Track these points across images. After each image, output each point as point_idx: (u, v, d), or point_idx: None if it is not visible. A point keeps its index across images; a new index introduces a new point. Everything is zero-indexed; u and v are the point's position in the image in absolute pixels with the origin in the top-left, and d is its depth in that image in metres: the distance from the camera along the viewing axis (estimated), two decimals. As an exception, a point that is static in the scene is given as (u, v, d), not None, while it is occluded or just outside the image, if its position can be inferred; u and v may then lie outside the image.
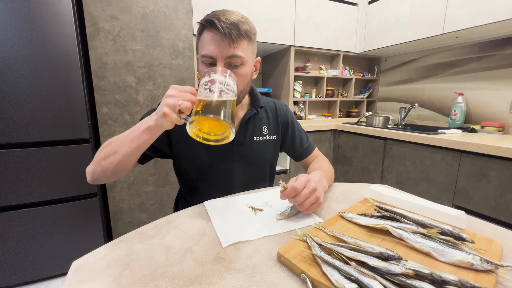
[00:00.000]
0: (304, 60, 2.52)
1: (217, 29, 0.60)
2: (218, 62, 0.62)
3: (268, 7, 1.96)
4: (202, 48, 0.64)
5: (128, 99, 1.46)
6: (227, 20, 0.60)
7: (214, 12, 0.64)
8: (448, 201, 1.48)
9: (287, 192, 0.54)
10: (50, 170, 1.26)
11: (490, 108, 1.79)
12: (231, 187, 0.77)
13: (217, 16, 0.61)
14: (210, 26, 0.61)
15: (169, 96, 0.50)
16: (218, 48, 0.61)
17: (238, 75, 0.64)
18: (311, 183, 0.56)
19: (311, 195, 0.55)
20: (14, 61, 1.13)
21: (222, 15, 0.61)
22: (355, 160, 2.12)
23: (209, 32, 0.61)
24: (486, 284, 0.34)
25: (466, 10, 1.57)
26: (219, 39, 0.60)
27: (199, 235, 0.49)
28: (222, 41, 0.60)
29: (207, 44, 0.62)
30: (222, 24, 0.59)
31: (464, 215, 0.50)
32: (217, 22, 0.59)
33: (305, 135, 0.91)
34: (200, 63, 0.66)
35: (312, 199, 0.55)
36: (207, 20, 0.61)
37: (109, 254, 0.44)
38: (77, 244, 1.38)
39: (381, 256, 0.37)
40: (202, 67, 0.65)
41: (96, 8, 1.32)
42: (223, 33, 0.60)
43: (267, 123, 0.82)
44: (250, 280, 0.37)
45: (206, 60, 0.63)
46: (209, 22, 0.61)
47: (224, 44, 0.61)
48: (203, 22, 0.62)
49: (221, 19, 0.60)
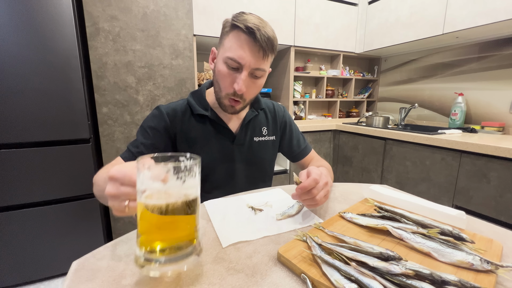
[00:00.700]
0: (304, 60, 2.52)
1: (255, 40, 0.60)
2: (244, 70, 0.62)
3: (268, 7, 1.96)
4: (230, 49, 0.62)
5: (128, 99, 1.46)
6: (265, 34, 0.60)
7: (246, 17, 0.62)
8: (448, 201, 1.48)
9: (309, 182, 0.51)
10: (50, 170, 1.26)
11: (490, 108, 1.79)
12: (231, 187, 0.77)
13: (256, 25, 0.60)
14: (250, 35, 0.60)
15: (111, 197, 0.37)
16: (250, 58, 0.61)
17: (256, 85, 0.67)
18: (323, 177, 0.55)
19: (325, 187, 0.55)
20: (14, 61, 1.13)
21: (260, 25, 0.60)
22: (355, 160, 2.12)
23: (245, 37, 0.60)
24: (486, 284, 0.34)
25: (466, 10, 1.57)
26: (255, 50, 0.61)
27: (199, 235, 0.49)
28: (258, 53, 0.61)
29: (240, 49, 0.61)
30: (262, 36, 0.60)
31: (464, 215, 0.50)
32: (258, 32, 0.59)
33: (302, 136, 0.92)
34: (221, 62, 0.64)
35: (325, 192, 0.55)
36: (247, 27, 0.59)
37: (109, 254, 0.44)
38: (77, 244, 1.38)
39: (381, 256, 0.37)
40: (222, 67, 0.64)
41: (96, 8, 1.32)
42: (261, 46, 0.60)
43: (266, 124, 0.84)
44: (250, 280, 0.37)
45: (232, 63, 0.62)
46: (249, 30, 0.59)
47: (257, 56, 0.62)
48: (242, 27, 0.60)
49: (260, 30, 0.60)
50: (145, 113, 1.51)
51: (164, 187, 0.33)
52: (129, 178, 0.36)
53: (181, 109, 0.74)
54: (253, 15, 0.63)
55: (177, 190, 0.34)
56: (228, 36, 0.63)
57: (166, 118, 0.71)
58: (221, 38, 0.66)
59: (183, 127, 0.73)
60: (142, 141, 0.70)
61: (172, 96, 1.57)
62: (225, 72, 0.64)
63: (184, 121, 0.73)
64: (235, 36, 0.62)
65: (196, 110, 0.73)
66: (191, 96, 0.77)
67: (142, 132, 0.72)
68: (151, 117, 0.73)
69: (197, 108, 0.74)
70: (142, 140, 0.70)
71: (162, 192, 0.33)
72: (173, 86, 1.57)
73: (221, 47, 0.65)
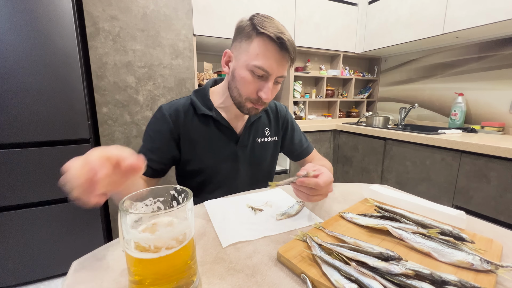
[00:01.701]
0: (304, 60, 2.52)
1: (286, 51, 0.60)
2: (270, 79, 0.62)
3: (268, 7, 1.96)
4: (258, 58, 0.60)
5: (128, 99, 1.46)
6: (293, 43, 0.61)
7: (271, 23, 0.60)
8: (448, 201, 1.48)
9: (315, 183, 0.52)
10: (51, 170, 1.26)
11: (490, 108, 1.79)
12: (234, 188, 0.77)
13: (285, 35, 0.59)
14: (280, 46, 0.59)
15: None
16: (279, 68, 0.62)
17: (276, 89, 0.67)
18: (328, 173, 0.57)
19: (330, 185, 0.56)
20: (14, 61, 1.13)
21: (286, 33, 0.60)
22: (355, 160, 2.12)
23: (275, 48, 0.59)
24: (486, 284, 0.34)
25: (466, 10, 1.57)
26: (284, 60, 0.61)
27: (199, 235, 0.49)
28: (286, 63, 0.62)
29: (270, 59, 0.60)
30: (291, 47, 0.60)
31: (464, 215, 0.50)
32: (288, 43, 0.59)
33: (303, 136, 0.92)
34: (244, 69, 0.62)
35: (329, 189, 0.57)
36: (278, 37, 0.58)
37: (109, 254, 0.44)
38: (77, 244, 1.38)
39: (381, 256, 0.37)
40: (246, 74, 0.62)
41: (96, 8, 1.32)
42: (290, 56, 0.61)
43: (268, 125, 0.84)
44: (250, 280, 0.37)
45: (259, 71, 0.61)
46: (280, 40, 0.58)
47: (285, 66, 0.62)
48: (273, 36, 0.58)
49: (289, 40, 0.60)
50: (145, 113, 1.51)
51: (153, 236, 0.31)
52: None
53: (184, 109, 0.73)
54: (274, 20, 0.62)
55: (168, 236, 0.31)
56: (252, 42, 0.61)
57: (169, 120, 0.70)
58: (240, 42, 0.63)
59: (186, 128, 0.72)
60: (149, 147, 0.69)
61: (172, 96, 1.57)
62: (250, 79, 0.62)
63: (187, 122, 0.72)
64: (263, 44, 0.60)
65: (199, 110, 0.72)
66: (195, 95, 0.75)
67: (147, 138, 0.71)
68: (154, 120, 0.72)
69: (201, 108, 0.72)
70: (148, 146, 0.70)
71: (152, 240, 0.31)
72: (173, 86, 1.57)
73: (243, 52, 0.62)
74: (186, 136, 0.72)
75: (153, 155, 0.68)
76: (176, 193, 0.37)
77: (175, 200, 0.37)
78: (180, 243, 0.32)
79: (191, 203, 0.33)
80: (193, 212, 0.34)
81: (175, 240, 0.32)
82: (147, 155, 0.67)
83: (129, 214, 0.30)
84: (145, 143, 0.71)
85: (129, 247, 0.31)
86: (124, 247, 0.31)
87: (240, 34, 0.64)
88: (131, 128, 1.49)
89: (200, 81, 1.90)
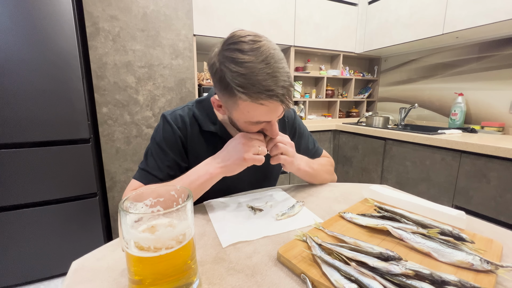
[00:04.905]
0: (304, 60, 2.52)
1: (283, 104, 0.51)
2: (272, 123, 0.58)
3: (268, 8, 1.96)
4: (251, 116, 0.53)
5: (128, 99, 1.46)
6: (289, 90, 0.51)
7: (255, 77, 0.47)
8: (448, 201, 1.48)
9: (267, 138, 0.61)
10: (50, 170, 1.26)
11: (490, 108, 1.79)
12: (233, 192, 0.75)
13: (276, 91, 0.48)
14: (277, 99, 0.49)
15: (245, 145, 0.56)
16: (277, 113, 0.55)
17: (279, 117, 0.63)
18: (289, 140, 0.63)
19: (288, 145, 0.62)
20: (14, 61, 1.13)
21: (280, 87, 0.49)
22: (355, 160, 2.12)
23: (271, 103, 0.50)
24: (486, 284, 0.34)
25: (466, 11, 1.57)
26: (279, 107, 0.53)
27: (199, 235, 0.49)
28: (281, 107, 0.53)
29: (263, 114, 0.53)
30: (285, 95, 0.50)
31: (464, 215, 0.50)
32: (284, 99, 0.50)
33: (311, 140, 0.88)
34: (242, 122, 0.57)
35: (286, 148, 0.61)
36: (267, 95, 0.48)
37: (109, 254, 0.44)
38: (77, 244, 1.38)
39: (381, 256, 0.37)
40: (245, 126, 0.58)
41: (96, 8, 1.32)
42: (289, 105, 0.53)
43: None
44: (250, 280, 0.37)
45: (258, 124, 0.56)
46: (270, 98, 0.49)
47: (281, 109, 0.54)
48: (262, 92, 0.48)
49: (285, 94, 0.50)
50: (145, 113, 1.51)
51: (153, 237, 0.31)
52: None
53: (190, 121, 0.69)
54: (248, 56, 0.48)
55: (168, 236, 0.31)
56: (237, 100, 0.51)
57: (176, 129, 0.67)
58: (224, 95, 0.53)
59: (192, 141, 0.69)
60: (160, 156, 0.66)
61: (172, 96, 1.57)
62: (251, 127, 0.58)
63: (193, 136, 0.68)
64: (251, 103, 0.50)
65: (204, 127, 0.68)
66: (197, 108, 0.70)
67: (160, 151, 0.66)
68: (163, 132, 0.67)
69: (204, 125, 0.68)
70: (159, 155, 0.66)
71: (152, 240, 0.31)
72: (173, 86, 1.57)
73: (233, 109, 0.54)
74: (192, 149, 0.69)
75: (170, 170, 0.66)
76: (176, 193, 0.37)
77: (174, 201, 0.37)
78: (180, 243, 0.32)
79: (191, 203, 0.33)
80: (193, 212, 0.34)
81: (175, 240, 0.32)
82: (160, 166, 0.65)
83: (129, 214, 0.30)
84: (160, 157, 0.66)
85: (129, 247, 0.31)
86: (124, 247, 0.31)
87: (218, 84, 0.53)
88: (131, 128, 1.49)
89: (200, 81, 1.90)
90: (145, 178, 0.64)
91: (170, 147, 0.66)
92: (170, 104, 1.57)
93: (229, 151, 0.58)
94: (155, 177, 0.64)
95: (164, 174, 0.65)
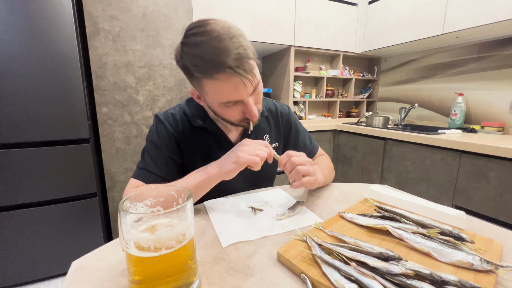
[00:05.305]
0: (304, 60, 2.52)
1: (238, 74, 0.51)
2: (246, 102, 0.57)
3: (268, 8, 1.96)
4: (219, 96, 0.55)
5: (128, 99, 1.46)
6: (243, 60, 0.51)
7: (207, 50, 0.50)
8: (448, 201, 1.48)
9: (282, 157, 0.59)
10: (50, 170, 1.26)
11: (490, 108, 1.79)
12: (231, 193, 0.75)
13: (228, 62, 0.49)
14: (230, 71, 0.50)
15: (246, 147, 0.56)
16: (245, 89, 0.55)
17: (259, 95, 0.62)
18: (309, 159, 0.59)
19: (307, 164, 0.58)
20: (14, 61, 1.13)
21: (232, 57, 0.50)
22: (355, 160, 2.12)
23: (226, 78, 0.51)
24: (486, 284, 0.34)
25: (466, 10, 1.57)
26: (244, 82, 0.53)
27: (199, 235, 0.49)
28: (248, 81, 0.54)
29: (229, 91, 0.54)
30: (243, 67, 0.51)
31: (464, 215, 0.50)
32: (238, 69, 0.50)
33: (308, 136, 0.89)
34: (217, 106, 0.58)
35: (307, 168, 0.57)
36: (223, 71, 0.50)
37: (109, 254, 0.44)
38: (77, 244, 1.38)
39: (381, 256, 0.37)
40: (221, 109, 0.59)
41: (96, 8, 1.32)
42: (246, 76, 0.52)
43: (268, 132, 0.80)
44: (250, 280, 0.37)
45: (230, 104, 0.57)
46: (222, 69, 0.50)
47: (249, 85, 0.55)
48: (213, 74, 0.51)
49: (238, 64, 0.50)
50: (145, 113, 1.51)
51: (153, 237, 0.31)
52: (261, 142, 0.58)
53: (181, 119, 0.71)
54: (204, 37, 0.50)
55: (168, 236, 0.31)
56: (202, 85, 0.55)
57: (169, 127, 0.69)
58: (192, 82, 0.58)
59: (184, 138, 0.70)
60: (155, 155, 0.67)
61: (172, 96, 1.57)
62: (228, 111, 0.59)
63: (185, 133, 0.70)
64: (212, 83, 0.53)
65: (194, 123, 0.70)
66: (187, 105, 0.72)
67: (152, 148, 0.68)
68: (156, 131, 0.69)
69: (195, 120, 0.70)
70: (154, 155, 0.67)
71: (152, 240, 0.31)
72: (173, 86, 1.57)
73: (204, 94, 0.58)
74: (185, 146, 0.70)
75: (167, 167, 0.66)
76: (176, 193, 0.37)
77: (174, 201, 0.37)
78: (180, 243, 0.32)
79: (191, 203, 0.33)
80: (193, 212, 0.34)
81: (175, 240, 0.32)
82: (156, 163, 0.66)
83: (129, 214, 0.31)
84: (150, 152, 0.68)
85: (129, 247, 0.31)
86: (124, 247, 0.31)
87: (185, 73, 0.58)
88: (131, 128, 1.49)
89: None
90: (144, 176, 0.66)
91: (164, 145, 0.68)
92: (170, 104, 1.57)
93: (228, 153, 0.59)
94: (153, 174, 0.66)
95: (161, 170, 0.66)
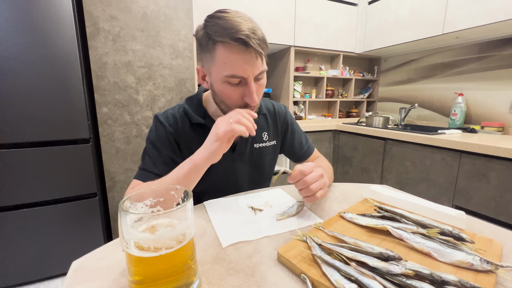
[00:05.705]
0: (304, 60, 2.52)
1: (250, 48, 0.54)
2: (249, 82, 0.58)
3: (268, 8, 1.96)
4: (226, 67, 0.56)
5: (128, 99, 1.46)
6: (256, 36, 0.55)
7: (229, 24, 0.55)
8: (448, 201, 1.48)
9: (294, 174, 0.56)
10: (50, 170, 1.26)
11: (490, 109, 1.79)
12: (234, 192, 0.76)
13: (244, 31, 0.54)
14: (243, 45, 0.54)
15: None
16: (252, 68, 0.57)
17: (262, 87, 0.63)
18: (318, 169, 0.57)
19: (319, 179, 0.56)
20: (14, 61, 1.13)
21: (248, 29, 0.54)
22: (355, 160, 2.12)
23: (238, 49, 0.55)
24: (486, 284, 0.34)
25: (466, 10, 1.57)
26: (253, 58, 0.56)
27: (199, 235, 0.49)
28: (256, 60, 0.56)
29: (237, 64, 0.56)
30: (254, 41, 0.54)
31: (464, 215, 0.50)
32: (250, 40, 0.54)
33: (304, 136, 0.90)
34: (220, 82, 0.59)
35: (320, 184, 0.56)
36: (235, 38, 0.53)
37: (109, 254, 0.44)
38: (77, 244, 1.38)
39: (381, 256, 0.37)
40: (224, 87, 0.59)
41: (96, 8, 1.32)
42: (257, 52, 0.55)
43: (266, 129, 0.82)
44: (250, 280, 0.37)
45: (234, 80, 0.58)
46: (238, 41, 0.53)
47: (257, 63, 0.57)
48: (229, 40, 0.54)
49: (250, 35, 0.54)
50: (145, 113, 1.51)
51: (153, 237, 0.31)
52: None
53: (180, 117, 0.72)
54: (229, 16, 0.56)
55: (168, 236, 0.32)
56: (214, 53, 0.57)
57: (168, 127, 0.70)
58: (205, 55, 0.60)
59: (183, 136, 0.71)
60: (155, 155, 0.68)
61: (172, 96, 1.57)
62: (229, 90, 0.60)
63: (184, 131, 0.71)
64: (225, 51, 0.55)
65: (193, 119, 0.71)
66: (187, 103, 0.73)
67: (154, 150, 0.69)
68: (155, 131, 0.70)
69: (194, 117, 0.71)
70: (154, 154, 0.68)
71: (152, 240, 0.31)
72: (173, 86, 1.57)
73: (211, 65, 0.59)
74: (185, 144, 0.71)
75: (166, 166, 0.67)
76: (176, 193, 0.37)
77: (174, 201, 0.37)
78: (180, 243, 0.32)
79: (191, 204, 0.33)
80: (193, 212, 0.34)
81: (175, 240, 0.32)
82: (155, 163, 0.67)
83: (129, 214, 0.31)
84: (149, 153, 0.69)
85: (129, 247, 0.31)
86: (124, 247, 0.31)
87: (201, 47, 0.60)
88: (131, 128, 1.49)
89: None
90: (144, 176, 0.67)
91: (163, 145, 0.69)
92: (170, 104, 1.57)
93: (208, 136, 0.58)
94: (152, 173, 0.67)
95: (161, 170, 0.67)
